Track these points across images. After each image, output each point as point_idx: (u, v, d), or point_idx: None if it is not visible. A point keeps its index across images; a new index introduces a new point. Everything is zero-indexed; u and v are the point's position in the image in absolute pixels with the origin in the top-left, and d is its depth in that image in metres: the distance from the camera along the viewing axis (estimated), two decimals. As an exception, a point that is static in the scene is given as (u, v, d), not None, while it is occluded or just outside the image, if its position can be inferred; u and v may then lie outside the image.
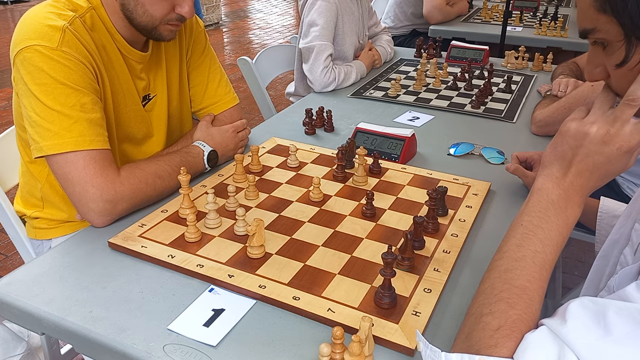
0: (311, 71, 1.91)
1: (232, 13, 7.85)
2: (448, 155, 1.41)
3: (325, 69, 1.89)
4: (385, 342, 0.78)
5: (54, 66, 1.01)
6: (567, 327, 0.58)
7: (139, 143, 1.28)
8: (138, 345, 0.78)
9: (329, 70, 1.90)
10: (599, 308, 0.58)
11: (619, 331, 0.55)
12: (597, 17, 0.66)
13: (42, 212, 1.26)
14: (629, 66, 0.67)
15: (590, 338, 0.56)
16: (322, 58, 1.89)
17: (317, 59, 1.90)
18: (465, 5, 3.25)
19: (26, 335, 1.35)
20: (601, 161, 0.68)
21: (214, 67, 1.40)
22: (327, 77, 1.90)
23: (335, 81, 1.92)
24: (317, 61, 1.90)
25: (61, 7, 1.07)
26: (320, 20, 1.94)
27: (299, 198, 1.16)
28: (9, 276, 0.93)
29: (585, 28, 0.69)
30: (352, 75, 1.98)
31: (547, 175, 0.72)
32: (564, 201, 0.70)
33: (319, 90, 1.93)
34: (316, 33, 1.93)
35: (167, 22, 1.11)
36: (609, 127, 0.67)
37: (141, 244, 0.98)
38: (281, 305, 0.85)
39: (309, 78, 1.93)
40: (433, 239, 1.02)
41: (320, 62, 1.89)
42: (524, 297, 0.65)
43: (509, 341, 0.62)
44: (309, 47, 1.92)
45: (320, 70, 1.89)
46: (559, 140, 0.72)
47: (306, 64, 1.94)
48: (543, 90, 1.84)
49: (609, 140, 0.67)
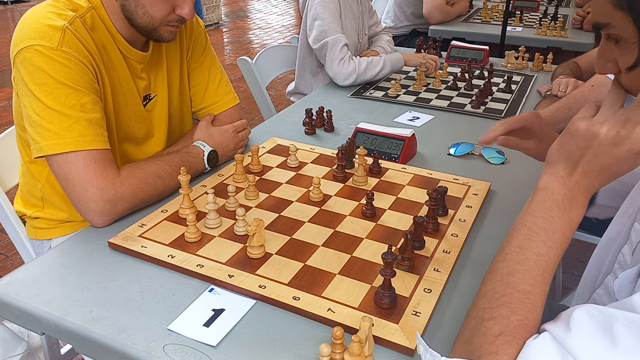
0: (330, 67, 1.86)
1: (232, 13, 7.85)
2: (448, 155, 1.41)
3: (342, 60, 1.83)
4: (385, 342, 0.78)
5: (54, 66, 1.01)
6: (572, 336, 0.57)
7: (140, 143, 1.28)
8: (138, 345, 0.78)
9: (346, 61, 1.83)
10: (606, 318, 0.57)
11: (625, 344, 0.54)
12: (613, 13, 0.65)
13: (42, 212, 1.26)
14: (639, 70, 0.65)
15: (595, 349, 0.55)
16: (336, 50, 1.84)
17: (332, 52, 1.85)
18: (465, 5, 3.25)
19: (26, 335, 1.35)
20: (610, 163, 0.66)
21: (214, 67, 1.40)
22: (346, 68, 1.83)
23: (356, 71, 1.84)
24: (332, 55, 1.85)
25: (61, 7, 1.07)
26: (325, 13, 1.91)
27: (299, 198, 1.16)
28: (9, 276, 0.93)
29: (599, 22, 0.67)
30: (378, 64, 1.88)
31: (552, 174, 0.70)
32: (568, 202, 0.68)
33: (342, 84, 1.86)
34: (324, 27, 1.89)
35: (168, 24, 1.11)
36: (620, 129, 0.64)
37: (141, 244, 0.98)
38: (281, 305, 0.85)
39: (331, 75, 1.89)
40: (433, 239, 1.02)
41: (335, 55, 1.84)
42: (526, 302, 0.64)
43: (510, 348, 0.61)
44: (322, 44, 1.87)
45: (337, 63, 1.83)
46: (567, 139, 0.69)
47: (325, 62, 1.90)
48: (543, 90, 1.84)
49: (619, 142, 0.64)
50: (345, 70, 1.84)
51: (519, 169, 1.35)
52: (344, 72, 1.84)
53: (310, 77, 2.20)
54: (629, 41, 0.65)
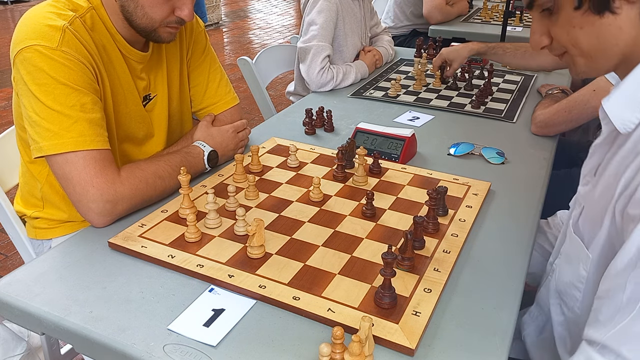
0: (308, 72, 1.90)
1: (232, 13, 7.85)
2: (448, 155, 1.41)
3: (322, 70, 1.88)
4: (385, 342, 0.78)
5: (54, 66, 1.01)
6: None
7: (140, 143, 1.28)
8: (138, 345, 0.78)
9: (326, 71, 1.89)
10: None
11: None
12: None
13: (42, 212, 1.26)
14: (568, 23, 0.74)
15: None
16: (319, 59, 1.88)
17: (314, 59, 1.89)
18: (465, 5, 3.25)
19: (26, 335, 1.36)
20: None
21: (214, 67, 1.40)
22: (325, 78, 1.89)
23: (334, 80, 1.91)
24: (314, 62, 1.89)
25: (61, 7, 1.07)
26: (320, 19, 1.93)
27: (299, 198, 1.16)
28: (9, 276, 0.93)
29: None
30: (351, 74, 1.96)
31: None
32: None
33: (315, 90, 1.92)
34: (314, 32, 1.92)
35: (167, 25, 1.11)
36: None
37: (141, 244, 0.98)
38: (281, 305, 0.85)
39: (306, 78, 1.93)
40: (433, 239, 1.02)
41: (317, 63, 1.88)
42: None
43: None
44: (307, 47, 1.91)
45: (317, 72, 1.88)
46: None
47: (303, 64, 1.93)
48: (543, 90, 1.84)
49: None
50: (323, 80, 1.90)
51: (519, 169, 1.35)
52: (322, 80, 1.90)
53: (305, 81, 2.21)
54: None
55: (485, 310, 0.86)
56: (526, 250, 1.02)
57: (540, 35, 0.81)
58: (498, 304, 0.87)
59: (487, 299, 0.88)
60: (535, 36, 0.82)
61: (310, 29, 1.94)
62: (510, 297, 0.89)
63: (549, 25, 0.79)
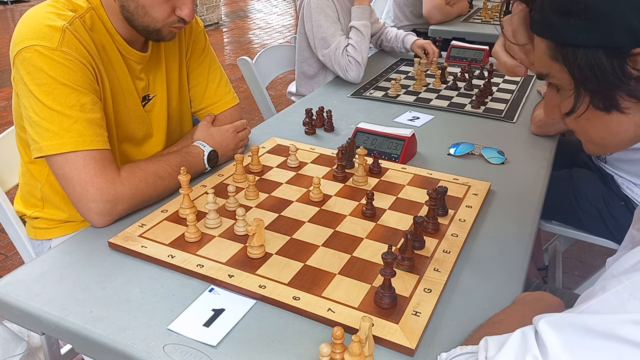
0: (346, 77, 1.96)
1: (232, 13, 7.86)
2: (448, 155, 1.41)
3: (347, 66, 1.93)
4: (385, 342, 0.78)
5: (54, 66, 1.01)
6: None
7: (139, 143, 1.28)
8: (138, 345, 0.78)
9: (349, 64, 1.93)
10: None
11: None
12: (551, 64, 0.68)
13: (42, 212, 1.26)
14: (575, 115, 0.68)
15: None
16: (339, 59, 1.93)
17: (337, 62, 1.94)
18: (465, 5, 3.25)
19: (26, 335, 1.35)
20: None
21: (213, 67, 1.40)
22: (354, 72, 1.93)
23: (359, 63, 1.93)
24: (339, 65, 1.94)
25: (61, 7, 1.07)
26: (322, 19, 1.95)
27: (299, 198, 1.16)
28: (9, 276, 0.93)
29: (541, 72, 0.71)
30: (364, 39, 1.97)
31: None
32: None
33: (358, 80, 1.96)
34: (323, 34, 1.96)
35: (171, 25, 1.11)
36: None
37: (141, 244, 0.98)
38: (281, 305, 0.85)
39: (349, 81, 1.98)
40: (433, 239, 1.02)
41: (341, 64, 1.93)
42: None
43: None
44: (326, 57, 1.97)
45: (346, 71, 1.93)
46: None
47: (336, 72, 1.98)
48: (543, 90, 1.84)
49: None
50: (354, 74, 1.94)
51: (519, 169, 1.35)
52: (354, 75, 1.94)
53: (309, 80, 2.21)
54: (567, 89, 0.68)
55: (485, 310, 0.86)
56: (526, 251, 1.02)
57: (552, 107, 0.75)
58: (498, 304, 0.87)
59: (487, 299, 0.88)
60: (548, 107, 0.76)
61: (316, 32, 1.98)
62: (510, 297, 0.89)
63: (560, 100, 0.72)
